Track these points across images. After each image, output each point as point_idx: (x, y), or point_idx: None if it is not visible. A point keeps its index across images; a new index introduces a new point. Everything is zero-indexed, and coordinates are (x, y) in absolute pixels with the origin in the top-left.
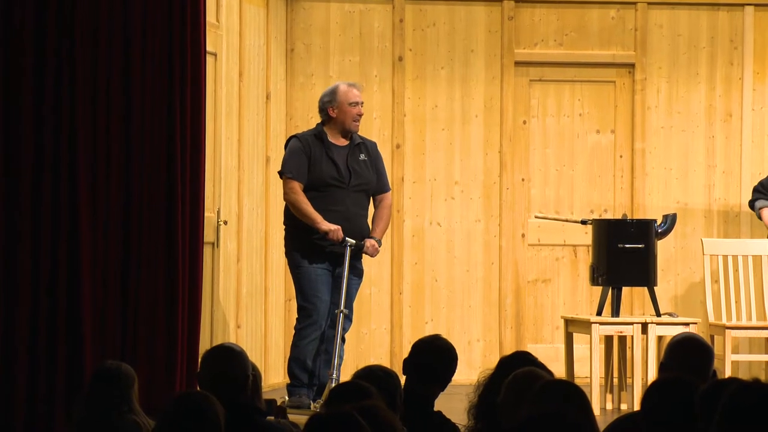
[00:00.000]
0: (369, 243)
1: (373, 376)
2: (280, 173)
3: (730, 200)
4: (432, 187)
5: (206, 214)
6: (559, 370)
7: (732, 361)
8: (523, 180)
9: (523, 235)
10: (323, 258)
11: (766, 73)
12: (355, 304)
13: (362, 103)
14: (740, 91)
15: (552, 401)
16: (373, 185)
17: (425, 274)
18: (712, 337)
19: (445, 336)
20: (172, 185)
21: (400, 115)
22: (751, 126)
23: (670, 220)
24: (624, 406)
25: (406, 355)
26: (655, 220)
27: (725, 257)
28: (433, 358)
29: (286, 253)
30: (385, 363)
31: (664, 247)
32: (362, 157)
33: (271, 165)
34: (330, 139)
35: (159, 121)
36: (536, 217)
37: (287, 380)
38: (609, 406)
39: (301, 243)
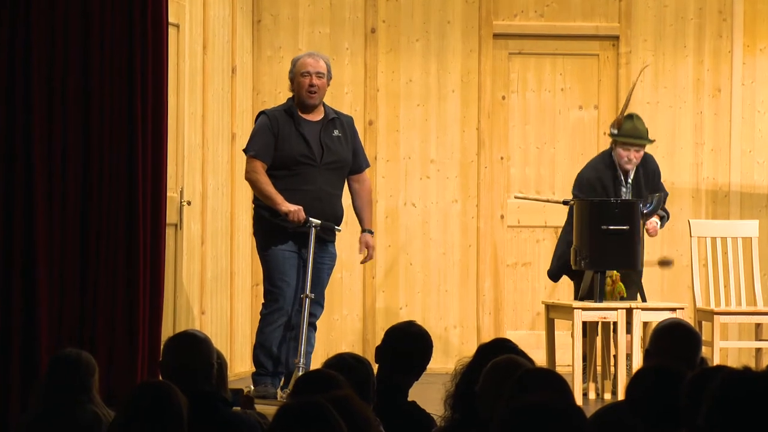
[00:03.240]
0: (364, 241)
1: (343, 364)
2: (245, 151)
3: (719, 179)
4: (406, 165)
5: (168, 194)
6: (540, 358)
7: (721, 348)
8: (502, 158)
9: (502, 216)
10: (290, 240)
11: (757, 46)
12: (326, 290)
13: (320, 73)
14: (729, 65)
15: (533, 390)
16: (348, 163)
17: (399, 257)
18: (699, 323)
19: (420, 322)
20: (132, 164)
21: (372, 90)
22: (741, 101)
23: (656, 201)
24: (608, 396)
25: (379, 342)
26: (640, 201)
27: (713, 239)
28: (408, 345)
29: (254, 234)
30: (357, 351)
31: None
32: (336, 132)
33: (236, 142)
34: (300, 114)
35: (119, 97)
36: (516, 197)
37: (253, 368)
38: (592, 395)
39: (267, 224)
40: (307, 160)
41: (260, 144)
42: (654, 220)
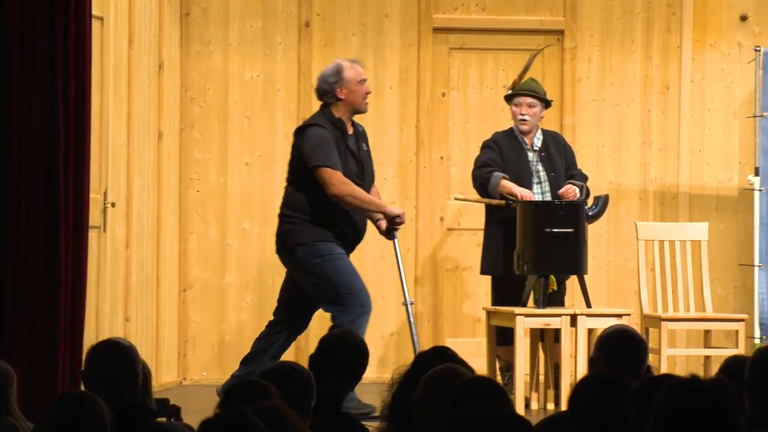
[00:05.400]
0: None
1: (281, 373)
2: (317, 165)
3: (667, 180)
4: None
5: (92, 196)
6: (480, 367)
7: (668, 355)
8: (441, 158)
9: (441, 219)
10: (340, 245)
11: (707, 41)
12: (255, 296)
13: None
14: (678, 61)
15: (471, 400)
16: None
17: None
18: (646, 330)
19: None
20: (53, 164)
21: (306, 86)
22: (690, 99)
23: (601, 202)
24: (551, 406)
25: (313, 350)
26: (585, 202)
27: (661, 243)
28: (342, 354)
29: (295, 246)
30: (290, 359)
31: (595, 232)
32: (365, 147)
33: (164, 141)
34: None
35: (39, 93)
36: (456, 198)
37: (182, 378)
38: (535, 405)
39: (323, 232)
40: (357, 178)
41: (334, 155)
42: (574, 188)
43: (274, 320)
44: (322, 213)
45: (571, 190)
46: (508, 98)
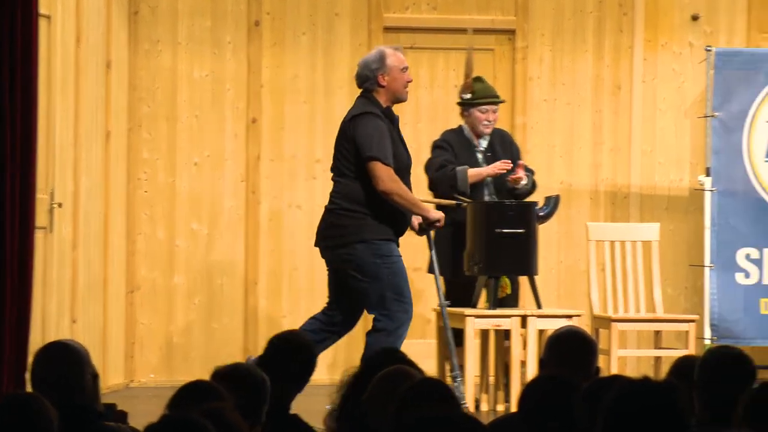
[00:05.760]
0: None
1: (235, 375)
2: (370, 157)
3: (619, 180)
4: (291, 165)
5: (38, 196)
6: (430, 368)
7: (619, 356)
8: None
9: None
10: (396, 244)
11: (658, 41)
12: (204, 297)
13: None
14: (630, 61)
15: (421, 402)
16: None
17: (283, 262)
18: (596, 331)
19: None
20: None
21: (256, 86)
22: (641, 99)
23: (552, 203)
24: (500, 407)
25: (261, 352)
26: (536, 203)
27: (612, 243)
28: (291, 356)
29: (356, 242)
30: (238, 361)
31: (546, 232)
32: (402, 136)
33: (112, 141)
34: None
35: None
36: None
37: (130, 380)
38: (485, 407)
39: (385, 230)
40: (407, 168)
41: (388, 149)
42: (524, 173)
43: (329, 318)
44: (382, 208)
45: (521, 174)
46: (470, 103)
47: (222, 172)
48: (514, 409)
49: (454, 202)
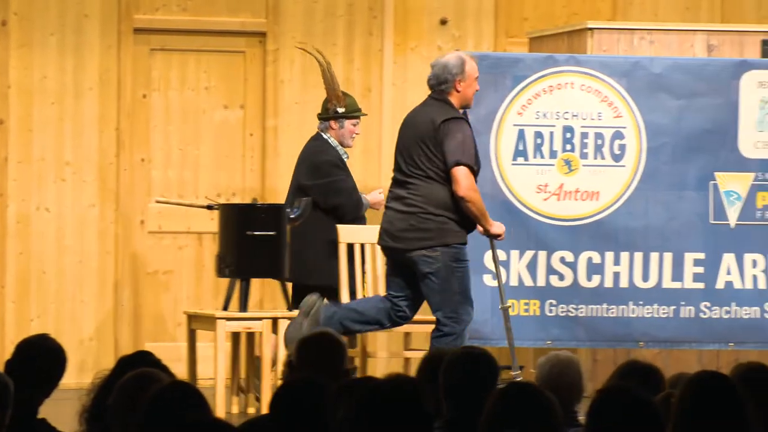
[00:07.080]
0: None
1: None
2: (458, 162)
3: (369, 182)
4: (40, 168)
5: None
6: (181, 371)
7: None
8: (143, 160)
9: (142, 222)
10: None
11: (408, 45)
12: None
13: None
14: (380, 64)
15: (169, 406)
16: None
17: (31, 265)
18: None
19: (54, 335)
20: None
21: (3, 87)
22: (391, 102)
23: (304, 206)
24: (251, 410)
25: (9, 356)
26: (287, 205)
27: (362, 246)
28: (40, 360)
29: (439, 246)
30: None
31: None
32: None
33: None
34: None
35: None
36: (157, 201)
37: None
38: (235, 409)
39: (463, 235)
40: (478, 172)
41: (473, 157)
42: (378, 194)
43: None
44: (461, 212)
45: (377, 201)
46: (344, 116)
47: None
48: (264, 411)
49: (205, 205)
